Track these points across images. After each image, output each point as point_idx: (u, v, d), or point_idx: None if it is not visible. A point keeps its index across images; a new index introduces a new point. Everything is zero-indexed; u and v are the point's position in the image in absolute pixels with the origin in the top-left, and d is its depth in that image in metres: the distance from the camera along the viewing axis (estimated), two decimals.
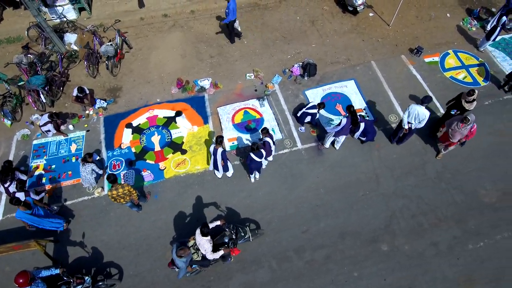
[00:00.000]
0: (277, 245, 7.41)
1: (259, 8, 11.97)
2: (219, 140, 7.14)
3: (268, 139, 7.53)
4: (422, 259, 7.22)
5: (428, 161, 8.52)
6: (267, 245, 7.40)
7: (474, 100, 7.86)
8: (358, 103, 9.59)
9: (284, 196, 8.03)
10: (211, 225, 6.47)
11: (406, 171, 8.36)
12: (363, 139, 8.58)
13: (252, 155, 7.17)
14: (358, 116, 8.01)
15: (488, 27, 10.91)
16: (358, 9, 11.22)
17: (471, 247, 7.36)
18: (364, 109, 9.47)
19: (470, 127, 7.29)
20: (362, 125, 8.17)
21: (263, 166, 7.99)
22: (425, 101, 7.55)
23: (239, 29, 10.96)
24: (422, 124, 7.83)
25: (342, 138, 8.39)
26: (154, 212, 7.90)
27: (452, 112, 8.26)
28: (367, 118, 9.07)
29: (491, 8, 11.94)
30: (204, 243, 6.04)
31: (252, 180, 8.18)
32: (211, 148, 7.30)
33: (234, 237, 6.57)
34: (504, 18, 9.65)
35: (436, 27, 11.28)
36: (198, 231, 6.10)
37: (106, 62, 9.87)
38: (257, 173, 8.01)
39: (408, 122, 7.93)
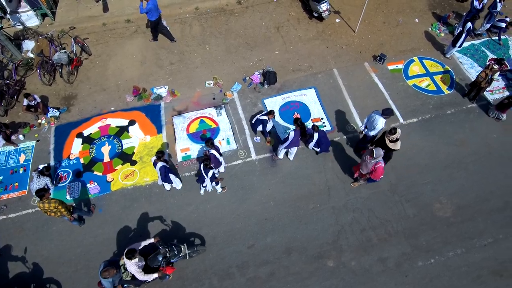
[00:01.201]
0: (221, 261, 7.18)
1: (225, 13, 11.74)
2: (158, 155, 6.93)
3: (213, 151, 7.31)
4: (368, 276, 6.99)
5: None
6: (210, 261, 7.17)
7: (397, 139, 7.21)
8: (317, 112, 9.37)
9: (233, 209, 7.80)
10: (144, 243, 6.28)
11: (359, 183, 8.12)
12: (317, 150, 8.35)
13: (201, 166, 6.95)
14: (310, 128, 7.81)
15: (456, 33, 10.68)
16: (323, 15, 10.99)
17: (420, 264, 7.13)
18: (322, 119, 9.24)
19: (374, 162, 6.74)
20: (316, 135, 7.94)
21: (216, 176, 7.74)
22: (385, 112, 7.31)
23: (168, 29, 10.82)
24: (373, 133, 7.64)
25: (294, 150, 8.18)
26: (97, 226, 7.67)
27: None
28: (322, 129, 8.83)
29: (462, 13, 11.70)
30: (130, 266, 5.83)
31: (202, 192, 7.95)
32: (152, 160, 7.08)
33: (168, 255, 6.34)
34: (469, 24, 9.42)
35: (403, 33, 11.05)
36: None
37: (60, 70, 9.64)
38: (209, 185, 7.68)
39: (366, 128, 7.77)
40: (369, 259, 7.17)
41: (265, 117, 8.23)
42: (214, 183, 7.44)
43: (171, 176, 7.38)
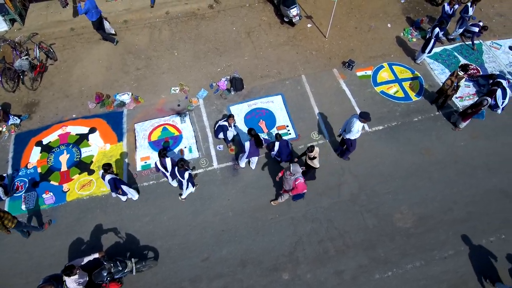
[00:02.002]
0: (173, 274, 7.00)
1: (196, 18, 11.58)
2: (105, 168, 6.75)
3: (167, 159, 7.17)
4: None
5: (345, 182, 8.14)
6: (162, 275, 6.98)
7: (315, 157, 7.10)
8: (283, 119, 9.21)
9: (189, 221, 7.62)
10: (88, 258, 6.11)
11: (320, 193, 7.97)
12: (278, 159, 8.19)
13: (176, 170, 7.00)
14: (267, 137, 7.67)
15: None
16: (293, 21, 10.85)
17: (377, 277, 6.97)
18: (287, 126, 9.08)
19: (294, 178, 6.61)
20: (277, 145, 7.77)
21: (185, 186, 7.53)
22: (362, 116, 7.15)
23: (112, 31, 10.76)
24: (350, 135, 7.51)
25: (255, 159, 8.03)
26: (50, 238, 7.48)
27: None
28: (286, 137, 8.67)
29: (436, 18, 11.56)
30: (69, 283, 5.69)
31: (183, 196, 7.78)
32: (100, 174, 6.90)
33: (112, 271, 6.16)
34: (437, 29, 9.29)
35: (374, 39, 10.91)
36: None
37: (21, 76, 9.45)
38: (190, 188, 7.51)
39: (344, 130, 7.66)
40: (325, 271, 7.01)
41: (225, 123, 8.07)
42: (190, 184, 7.28)
43: (124, 188, 7.21)
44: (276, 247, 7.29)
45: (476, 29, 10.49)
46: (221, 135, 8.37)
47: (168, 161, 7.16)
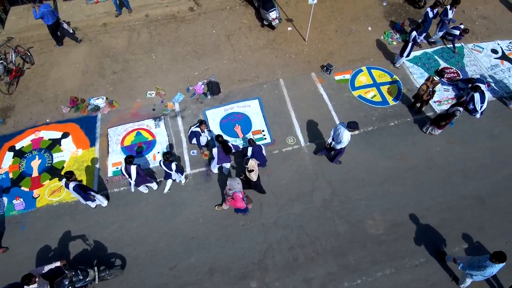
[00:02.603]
0: (140, 283, 6.91)
1: (176, 20, 11.49)
2: (67, 176, 6.66)
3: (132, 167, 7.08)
4: None
5: (318, 187, 8.05)
6: (128, 284, 6.89)
7: (252, 170, 6.92)
8: (259, 124, 9.12)
9: (159, 228, 7.53)
10: (49, 267, 6.03)
11: (293, 198, 7.89)
12: None
13: (161, 163, 7.25)
14: (234, 144, 7.61)
15: None
16: (273, 24, 10.76)
17: (346, 285, 6.87)
18: (263, 131, 8.99)
19: (231, 193, 6.53)
20: (250, 150, 7.68)
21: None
22: (350, 125, 7.06)
23: (70, 30, 10.68)
24: (340, 146, 7.42)
25: (227, 165, 7.94)
26: (18, 244, 7.39)
27: None
28: (260, 143, 8.58)
29: (418, 20, 11.48)
30: None
31: (166, 189, 7.92)
32: (63, 182, 6.80)
33: (73, 279, 6.07)
34: (414, 33, 9.20)
35: (354, 42, 10.83)
36: None
37: None
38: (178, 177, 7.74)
39: (333, 140, 7.56)
40: (294, 279, 6.92)
41: (198, 129, 7.99)
42: (179, 174, 7.42)
43: (92, 193, 7.12)
44: (245, 255, 7.20)
45: (457, 32, 10.40)
46: (194, 141, 8.28)
47: (133, 169, 7.07)
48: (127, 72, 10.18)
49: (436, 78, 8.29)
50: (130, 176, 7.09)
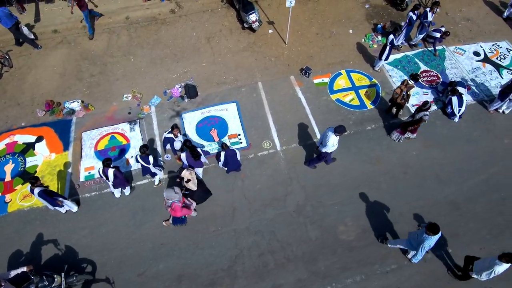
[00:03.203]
0: None
1: (156, 22, 11.41)
2: (31, 181, 6.59)
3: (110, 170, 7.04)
4: None
5: (292, 192, 7.98)
6: None
7: (189, 180, 6.91)
8: (235, 127, 9.05)
9: (129, 233, 7.46)
10: (15, 272, 5.98)
11: (266, 204, 7.82)
12: (225, 168, 8.04)
13: (137, 157, 7.30)
14: (202, 149, 7.55)
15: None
16: (253, 26, 10.68)
17: None
18: (239, 135, 8.92)
19: (170, 202, 6.46)
20: (222, 154, 7.61)
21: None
22: (337, 130, 6.98)
23: (31, 36, 10.55)
24: (326, 149, 7.35)
25: (200, 170, 7.85)
26: None
27: None
28: (234, 147, 8.50)
29: (400, 23, 11.41)
30: None
31: (156, 182, 8.01)
32: (28, 188, 6.73)
33: (39, 285, 6.01)
34: (391, 36, 9.12)
35: (334, 45, 10.75)
36: None
37: None
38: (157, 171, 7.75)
39: (321, 143, 7.51)
40: (263, 286, 6.85)
41: (171, 135, 7.90)
42: (158, 169, 7.46)
43: (59, 198, 7.05)
44: (215, 261, 7.12)
45: (438, 35, 10.34)
46: (168, 146, 8.18)
47: (110, 172, 7.02)
48: (105, 75, 10.10)
49: (411, 82, 8.21)
50: (107, 179, 7.03)
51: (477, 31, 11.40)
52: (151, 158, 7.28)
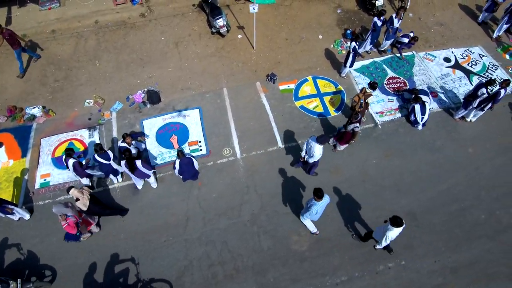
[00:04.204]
0: None
1: (126, 27, 11.32)
2: None
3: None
4: None
5: (248, 201, 7.88)
6: None
7: (77, 199, 6.72)
8: (196, 134, 8.95)
9: (79, 243, 7.36)
10: None
11: (220, 213, 7.72)
12: (181, 177, 7.94)
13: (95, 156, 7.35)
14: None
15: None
16: (221, 31, 10.58)
17: None
18: (200, 142, 8.82)
19: (64, 219, 6.44)
20: (177, 162, 7.51)
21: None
22: (319, 140, 6.91)
23: None
24: (312, 160, 7.30)
25: (150, 179, 7.75)
26: None
27: None
28: (192, 154, 8.41)
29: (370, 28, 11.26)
30: None
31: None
32: None
33: None
34: (353, 43, 9.01)
35: (303, 51, 10.64)
36: None
37: None
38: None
39: (306, 153, 7.43)
40: None
41: (124, 144, 7.81)
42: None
43: (10, 206, 6.99)
44: (163, 272, 7.03)
45: (406, 40, 10.24)
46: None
47: (70, 162, 7.24)
48: (69, 80, 10.02)
49: (369, 91, 8.10)
50: (68, 168, 7.17)
51: (450, 36, 11.29)
52: (110, 153, 7.36)
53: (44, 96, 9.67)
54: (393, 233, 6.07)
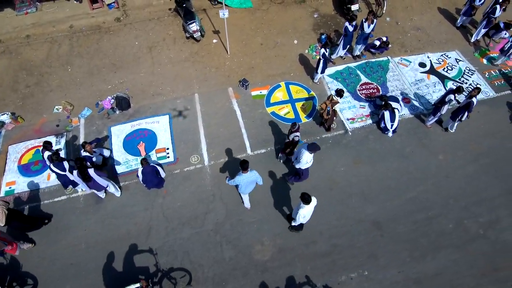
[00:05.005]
0: None
1: (100, 31, 11.22)
2: None
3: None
4: None
5: (213, 209, 7.79)
6: None
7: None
8: (164, 141, 8.86)
9: (40, 252, 7.28)
10: None
11: (184, 222, 7.63)
12: (144, 185, 7.85)
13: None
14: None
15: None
16: (194, 36, 10.50)
17: None
18: (168, 149, 8.74)
19: None
20: (140, 171, 7.41)
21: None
22: (310, 148, 6.81)
23: None
24: (299, 165, 7.24)
25: (110, 188, 7.65)
26: None
27: None
28: (157, 162, 8.35)
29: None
30: None
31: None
32: None
33: None
34: (323, 50, 8.92)
35: (277, 56, 10.56)
36: None
37: None
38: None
39: (296, 159, 7.38)
40: None
41: (86, 153, 7.70)
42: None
43: None
44: (122, 284, 6.92)
45: (378, 43, 10.20)
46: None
47: (45, 155, 7.29)
48: (40, 85, 9.93)
49: (336, 98, 8.02)
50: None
51: (427, 40, 11.21)
52: (66, 164, 7.18)
53: (15, 102, 9.59)
54: (304, 210, 6.26)
